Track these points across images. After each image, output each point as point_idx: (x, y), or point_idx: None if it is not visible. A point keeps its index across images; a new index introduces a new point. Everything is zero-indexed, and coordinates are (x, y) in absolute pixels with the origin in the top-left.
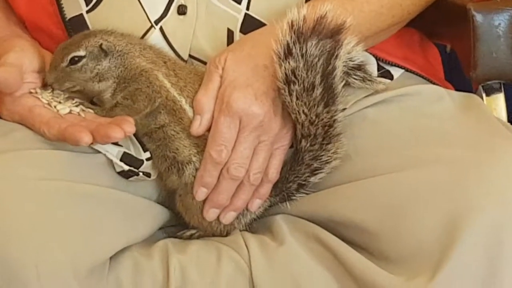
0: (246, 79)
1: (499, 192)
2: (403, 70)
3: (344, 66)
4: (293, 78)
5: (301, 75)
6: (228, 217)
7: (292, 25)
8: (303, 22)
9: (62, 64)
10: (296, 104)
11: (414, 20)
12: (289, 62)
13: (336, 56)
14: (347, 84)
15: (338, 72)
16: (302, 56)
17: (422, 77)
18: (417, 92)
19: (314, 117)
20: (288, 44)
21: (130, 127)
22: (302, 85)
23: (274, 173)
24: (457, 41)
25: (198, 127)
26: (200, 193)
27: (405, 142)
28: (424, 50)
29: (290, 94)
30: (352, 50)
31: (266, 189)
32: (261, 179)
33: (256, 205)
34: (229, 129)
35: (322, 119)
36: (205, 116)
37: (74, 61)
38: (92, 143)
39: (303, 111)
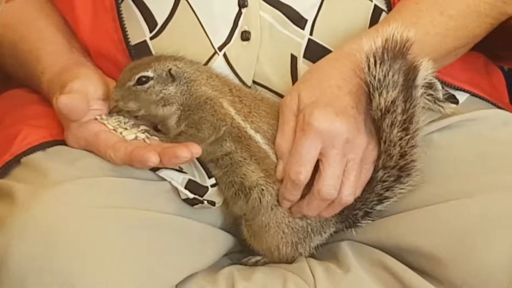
0: (323, 101)
1: None
2: (468, 95)
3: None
4: (393, 108)
5: (400, 104)
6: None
7: (383, 50)
8: (383, 48)
9: (129, 83)
10: (396, 136)
11: (478, 43)
12: (387, 92)
13: (416, 78)
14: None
15: (419, 95)
16: (394, 84)
17: (488, 101)
18: (483, 117)
19: (408, 150)
20: (378, 74)
21: (197, 148)
22: (402, 115)
23: (358, 192)
24: None
25: (282, 171)
26: (284, 204)
27: (472, 168)
28: (489, 74)
29: (392, 125)
30: (428, 69)
31: (350, 202)
32: None
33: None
34: (309, 149)
35: (406, 150)
36: (286, 159)
37: (141, 81)
38: (159, 164)
39: (400, 144)
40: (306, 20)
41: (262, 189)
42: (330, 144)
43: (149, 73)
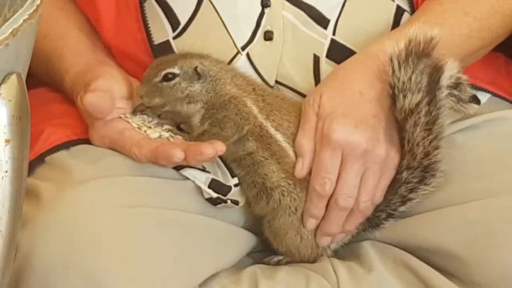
0: (343, 109)
1: None
2: (489, 95)
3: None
4: (417, 110)
5: (424, 106)
6: (338, 239)
7: (407, 52)
8: (406, 50)
9: (155, 79)
10: (418, 135)
11: (500, 44)
12: (412, 95)
13: (440, 79)
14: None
15: (444, 96)
16: (419, 86)
17: (509, 101)
18: (505, 117)
19: (431, 149)
20: (402, 76)
21: (221, 146)
22: (425, 116)
23: (379, 197)
24: None
25: (301, 170)
26: (309, 224)
27: (495, 168)
28: (509, 74)
29: (415, 125)
30: (453, 69)
31: (369, 211)
32: None
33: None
34: (331, 161)
35: (429, 149)
36: (307, 157)
37: (167, 77)
38: (183, 161)
39: (423, 143)
40: (328, 20)
41: (283, 190)
42: (348, 155)
43: (176, 70)
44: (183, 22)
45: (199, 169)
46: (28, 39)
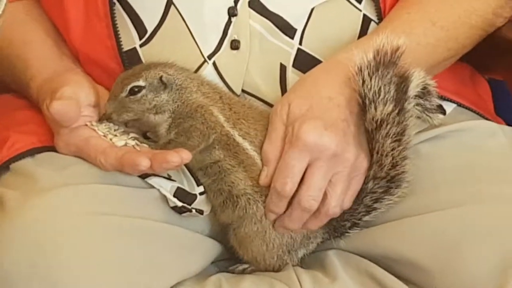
0: (312, 113)
1: None
2: (455, 105)
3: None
4: (388, 121)
5: (395, 116)
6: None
7: (376, 62)
8: (375, 60)
9: (122, 94)
10: (388, 146)
11: (466, 54)
12: (384, 105)
13: (408, 89)
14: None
15: (411, 106)
16: (388, 97)
17: (474, 111)
18: (470, 128)
19: (399, 160)
20: (373, 86)
21: (186, 154)
22: (396, 127)
23: (348, 202)
24: (509, 75)
25: (265, 178)
26: (269, 216)
27: (459, 179)
28: (475, 84)
29: (386, 136)
30: (419, 79)
31: (337, 214)
32: None
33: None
34: (296, 162)
35: (397, 160)
36: (271, 166)
37: (133, 91)
38: (149, 169)
39: (392, 154)
40: (295, 30)
41: (249, 198)
42: (316, 157)
43: (141, 83)
44: (149, 29)
45: (164, 177)
46: None
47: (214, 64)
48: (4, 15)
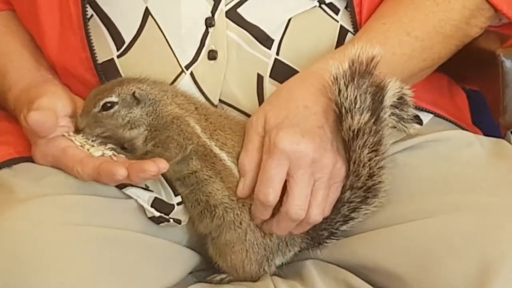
0: (289, 121)
1: None
2: (432, 115)
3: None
4: (365, 130)
5: (371, 126)
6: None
7: (352, 72)
8: (351, 70)
9: (94, 110)
10: (366, 156)
11: (443, 65)
12: (360, 115)
13: (384, 99)
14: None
15: (387, 116)
16: (364, 106)
17: (451, 122)
18: (446, 138)
19: (376, 171)
20: (349, 96)
21: (164, 163)
22: (373, 137)
23: (327, 210)
24: (485, 86)
25: (242, 189)
26: (256, 220)
27: (436, 189)
28: (452, 95)
29: (363, 146)
30: (395, 89)
31: (318, 221)
32: None
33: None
34: (276, 170)
35: (374, 171)
36: (248, 177)
37: (106, 107)
38: (126, 179)
39: (369, 164)
40: (272, 40)
41: (226, 207)
42: (296, 165)
43: (113, 98)
44: (127, 40)
45: (142, 188)
46: None
47: (191, 74)
48: None
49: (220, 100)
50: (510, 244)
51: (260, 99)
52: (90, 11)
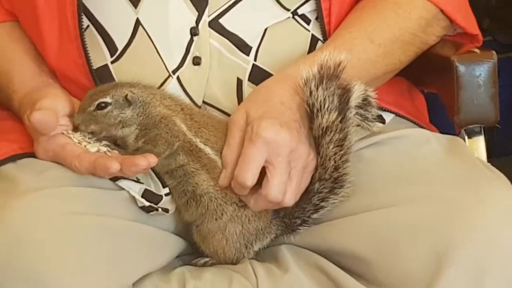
0: (269, 114)
1: (482, 229)
2: (393, 115)
3: (355, 107)
4: (332, 128)
5: (338, 124)
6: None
7: (321, 75)
8: (320, 73)
9: (90, 108)
10: (331, 151)
11: (404, 70)
12: (329, 114)
13: (349, 100)
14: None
15: (352, 115)
16: (332, 106)
17: (411, 121)
18: (406, 135)
19: (341, 163)
20: (319, 97)
21: (153, 158)
22: (339, 133)
23: (298, 195)
24: (441, 89)
25: (223, 179)
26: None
27: (397, 181)
28: (412, 96)
29: (330, 142)
30: (360, 91)
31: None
32: None
33: None
34: (256, 157)
35: (339, 164)
36: (229, 168)
37: (100, 106)
38: (119, 172)
39: (334, 158)
40: (251, 47)
41: (211, 196)
42: (276, 153)
43: (108, 99)
44: (120, 48)
45: (133, 180)
46: None
47: (178, 78)
48: None
49: (203, 101)
50: (463, 232)
51: (240, 100)
52: (86, 22)
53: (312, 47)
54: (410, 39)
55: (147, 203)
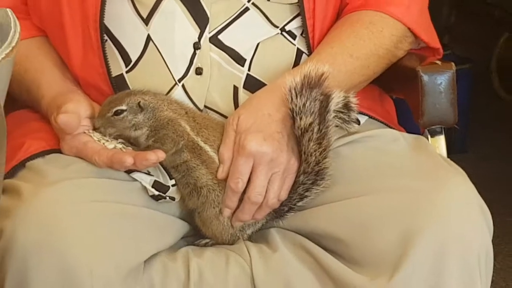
0: (255, 127)
1: (442, 214)
2: (367, 117)
3: (335, 110)
4: (310, 128)
5: (316, 126)
6: (249, 223)
7: (302, 84)
8: (301, 83)
9: (108, 114)
10: (311, 148)
11: (376, 79)
12: (306, 117)
13: (328, 105)
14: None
15: (332, 118)
16: (311, 110)
17: (382, 122)
18: (378, 135)
19: (321, 159)
20: (298, 103)
21: (162, 153)
22: (317, 133)
23: (283, 195)
24: (408, 95)
25: (221, 173)
26: (225, 213)
27: (369, 174)
28: (383, 101)
29: (309, 140)
30: (339, 98)
31: (276, 205)
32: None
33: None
34: (244, 166)
35: (319, 159)
36: (226, 164)
37: (117, 113)
38: (133, 166)
39: (315, 154)
40: (245, 59)
41: (209, 188)
42: (258, 162)
43: (123, 107)
44: (133, 59)
45: (145, 172)
46: (5, 73)
47: (183, 86)
48: (16, 47)
49: (205, 106)
50: (426, 218)
51: (236, 105)
52: (105, 36)
53: (297, 59)
54: (384, 54)
55: (156, 192)
